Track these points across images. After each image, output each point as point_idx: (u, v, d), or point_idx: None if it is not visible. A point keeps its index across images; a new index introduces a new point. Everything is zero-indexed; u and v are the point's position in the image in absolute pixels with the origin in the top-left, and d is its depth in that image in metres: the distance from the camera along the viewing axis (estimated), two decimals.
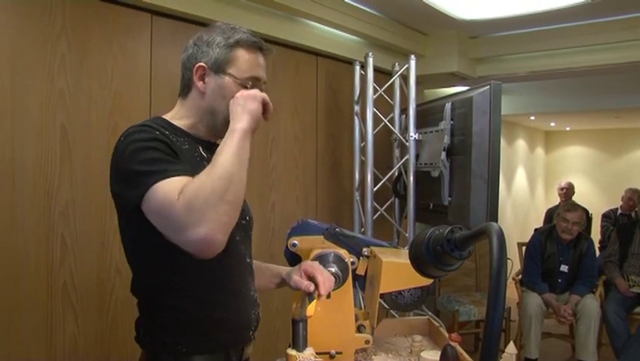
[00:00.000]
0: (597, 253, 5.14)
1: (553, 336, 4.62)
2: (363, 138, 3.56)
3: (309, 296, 1.39)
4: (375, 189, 3.50)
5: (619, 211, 6.20)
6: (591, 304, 4.18)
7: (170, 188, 1.17)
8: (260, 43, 1.40)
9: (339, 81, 3.75)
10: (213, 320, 1.36)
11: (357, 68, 3.61)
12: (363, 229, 3.52)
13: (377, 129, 3.54)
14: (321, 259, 1.62)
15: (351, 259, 1.74)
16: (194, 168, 1.26)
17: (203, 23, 2.79)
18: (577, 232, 4.38)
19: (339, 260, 1.67)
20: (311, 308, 1.37)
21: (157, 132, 1.27)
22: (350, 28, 3.54)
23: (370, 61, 3.43)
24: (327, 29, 3.49)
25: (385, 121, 3.59)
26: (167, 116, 1.42)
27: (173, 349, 1.32)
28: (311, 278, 1.45)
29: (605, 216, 6.25)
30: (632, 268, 4.44)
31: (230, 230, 1.19)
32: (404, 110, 3.64)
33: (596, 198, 8.83)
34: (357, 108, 3.63)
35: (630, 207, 5.98)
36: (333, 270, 1.61)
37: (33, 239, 2.20)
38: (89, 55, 2.37)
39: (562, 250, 4.42)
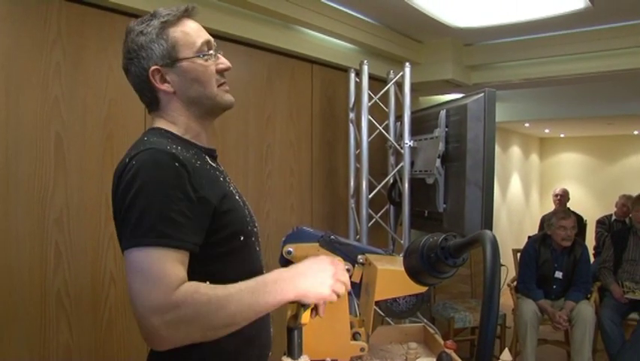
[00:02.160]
0: (592, 259, 5.15)
1: (548, 342, 4.62)
2: (358, 145, 3.56)
3: (304, 306, 1.39)
4: (370, 196, 3.51)
5: (613, 217, 6.21)
6: (586, 310, 4.18)
7: (171, 266, 1.07)
8: (181, 10, 1.31)
9: (335, 88, 3.76)
10: (245, 337, 1.28)
11: (353, 75, 3.62)
12: (358, 236, 3.52)
13: (372, 136, 3.55)
14: None
15: (347, 267, 1.74)
16: (212, 184, 1.23)
17: None
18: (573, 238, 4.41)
19: None
20: (306, 316, 1.36)
21: (176, 163, 1.15)
22: (345, 36, 3.55)
23: (365, 68, 3.44)
24: (323, 37, 3.51)
25: (380, 128, 3.60)
26: (165, 127, 1.32)
27: None
28: None
29: (600, 223, 6.26)
30: (627, 274, 4.45)
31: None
32: (399, 118, 3.65)
33: (590, 205, 8.85)
34: (352, 115, 3.64)
35: (624, 214, 5.99)
36: None
37: (27, 247, 2.19)
38: (84, 63, 2.37)
39: (556, 256, 4.43)
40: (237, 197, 1.35)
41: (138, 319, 1.06)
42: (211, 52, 1.31)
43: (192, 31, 1.31)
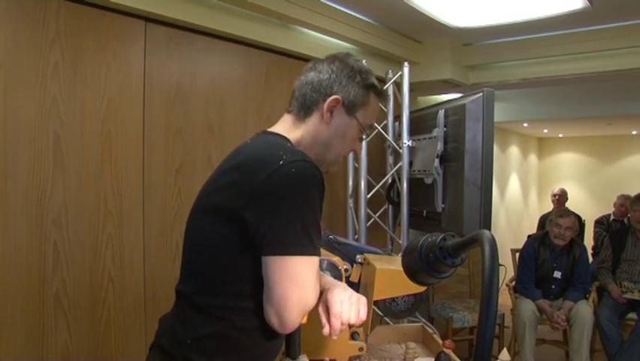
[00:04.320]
0: (590, 259, 5.15)
1: (547, 342, 4.62)
2: None
3: None
4: (368, 196, 3.51)
5: (612, 217, 6.21)
6: (584, 310, 4.19)
7: (316, 275, 1.19)
8: (383, 92, 1.41)
9: None
10: (269, 347, 1.31)
11: None
12: (357, 236, 3.52)
13: (371, 136, 3.55)
14: None
15: (345, 266, 1.75)
16: None
17: (197, 31, 2.80)
18: (569, 238, 4.40)
19: (333, 268, 1.67)
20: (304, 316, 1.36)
21: (324, 181, 1.20)
22: (344, 36, 3.55)
23: None
24: (321, 37, 3.50)
25: (379, 128, 3.60)
26: (291, 137, 1.34)
27: None
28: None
29: (598, 223, 6.27)
30: (625, 274, 4.45)
31: None
32: (397, 117, 3.65)
33: (588, 205, 8.86)
34: None
35: (623, 214, 6.00)
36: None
37: (25, 246, 2.19)
38: (83, 62, 2.37)
39: (555, 256, 4.43)
40: None
41: (283, 316, 1.15)
42: (368, 134, 1.40)
43: (376, 111, 1.42)
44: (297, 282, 1.14)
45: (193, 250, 1.30)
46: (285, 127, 1.36)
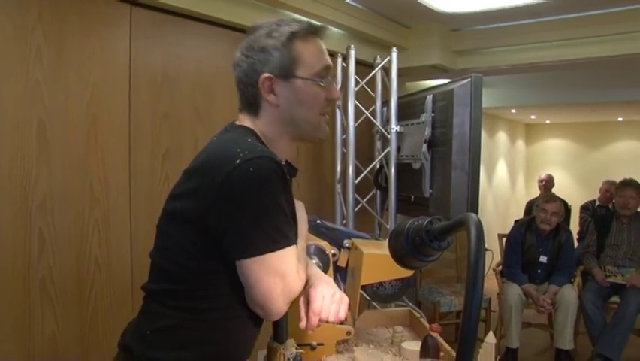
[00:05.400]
0: (576, 244, 5.20)
1: (532, 326, 4.67)
2: (344, 130, 3.56)
3: None
4: (356, 181, 3.51)
5: (597, 203, 6.27)
6: (569, 294, 4.24)
7: (295, 261, 1.18)
8: (313, 27, 1.27)
9: None
10: (239, 339, 1.29)
11: (339, 60, 3.61)
12: (344, 221, 3.53)
13: (359, 121, 3.54)
14: None
15: (333, 251, 1.75)
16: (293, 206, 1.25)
17: (184, 15, 2.76)
18: (555, 223, 4.44)
19: (321, 252, 1.67)
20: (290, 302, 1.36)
21: (284, 176, 1.15)
22: (332, 21, 3.52)
23: (352, 53, 3.42)
24: (310, 21, 3.47)
25: (367, 113, 3.60)
26: (256, 129, 1.27)
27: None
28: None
29: (584, 208, 6.32)
30: (609, 258, 4.50)
31: None
32: (386, 103, 3.65)
33: (574, 190, 8.93)
34: (338, 101, 3.63)
35: (608, 199, 6.05)
36: (314, 262, 1.61)
37: (10, 233, 2.17)
38: (66, 46, 2.33)
39: (541, 241, 4.47)
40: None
41: (270, 307, 1.15)
42: (328, 78, 1.27)
43: (317, 53, 1.26)
44: (277, 275, 1.14)
45: (161, 252, 1.26)
46: (248, 123, 1.28)
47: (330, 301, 1.27)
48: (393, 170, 3.43)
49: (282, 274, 1.14)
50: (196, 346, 1.21)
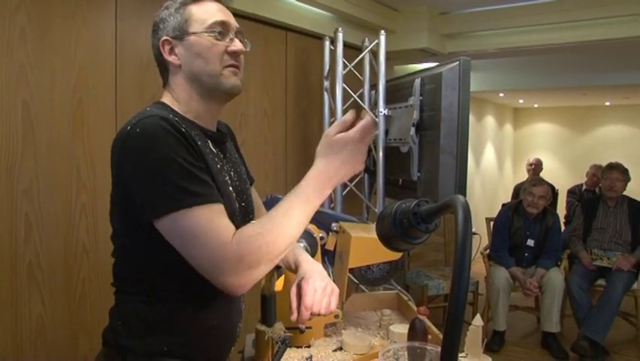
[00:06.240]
0: (563, 227, 5.25)
1: (519, 309, 4.73)
2: (332, 113, 3.55)
3: (278, 271, 1.39)
4: None
5: (584, 187, 6.32)
6: (556, 277, 4.28)
7: (219, 221, 1.09)
8: None
9: (309, 57, 3.72)
10: (207, 325, 1.25)
11: (327, 43, 3.59)
12: (333, 205, 3.53)
13: (347, 105, 3.53)
14: None
15: (320, 235, 1.75)
16: (215, 170, 1.21)
17: None
18: (542, 207, 4.47)
19: (308, 235, 1.67)
20: (279, 283, 1.37)
21: (177, 133, 1.12)
22: (320, 3, 3.50)
23: (340, 36, 3.40)
24: (297, 4, 3.45)
25: (355, 97, 3.59)
26: (169, 103, 1.28)
27: (151, 348, 1.21)
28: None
29: (571, 192, 6.37)
30: (596, 242, 4.55)
31: None
32: (374, 86, 3.64)
33: (562, 174, 9.00)
34: (326, 84, 3.61)
35: (594, 183, 6.10)
36: (302, 245, 1.61)
37: None
38: (51, 28, 2.30)
39: (528, 224, 4.51)
40: (231, 188, 1.30)
41: (211, 278, 1.08)
42: (220, 31, 1.26)
43: (208, 10, 1.28)
44: (194, 236, 1.07)
45: (112, 239, 1.29)
46: (167, 98, 1.30)
47: (322, 295, 1.27)
48: (381, 153, 3.43)
49: (196, 235, 1.07)
50: (162, 333, 1.21)
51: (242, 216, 1.33)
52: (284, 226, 1.10)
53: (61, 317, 2.36)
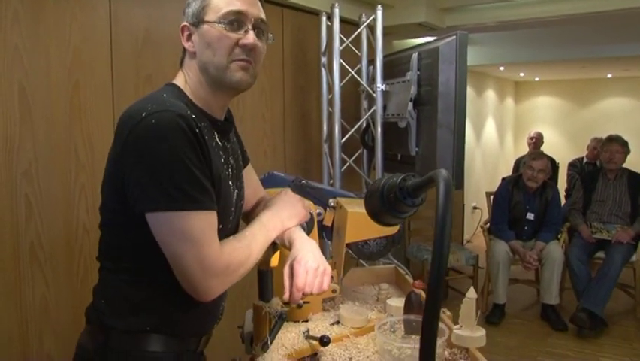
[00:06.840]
0: (563, 201, 5.26)
1: (519, 282, 4.77)
2: (330, 89, 3.54)
3: (274, 246, 1.41)
4: (343, 140, 3.51)
5: (585, 160, 6.32)
6: (555, 250, 4.32)
7: (211, 231, 1.15)
8: None
9: (306, 33, 3.70)
10: (191, 306, 1.25)
11: (324, 19, 3.57)
12: (332, 181, 3.54)
13: (344, 81, 3.52)
14: None
15: (318, 210, 1.76)
16: (218, 167, 1.22)
17: None
18: (542, 180, 4.49)
19: None
20: (275, 259, 1.39)
21: (193, 134, 1.12)
22: None
23: (336, 11, 3.38)
24: None
25: (352, 72, 3.57)
26: (182, 86, 1.28)
27: (134, 327, 1.23)
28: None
29: (572, 165, 6.37)
30: (595, 215, 4.57)
31: None
32: (371, 62, 3.62)
33: (563, 148, 8.98)
34: (323, 60, 3.60)
35: (595, 157, 6.10)
36: None
37: None
38: (45, 9, 2.29)
39: (528, 198, 4.52)
40: (230, 182, 1.31)
41: (191, 280, 1.14)
42: (233, 21, 1.23)
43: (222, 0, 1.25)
44: (185, 239, 1.11)
45: (101, 216, 1.29)
46: (180, 80, 1.30)
47: (314, 275, 1.28)
48: (379, 129, 3.44)
49: (190, 239, 1.11)
50: (145, 312, 1.23)
51: (236, 203, 1.36)
52: (255, 244, 1.27)
53: (64, 296, 2.39)
